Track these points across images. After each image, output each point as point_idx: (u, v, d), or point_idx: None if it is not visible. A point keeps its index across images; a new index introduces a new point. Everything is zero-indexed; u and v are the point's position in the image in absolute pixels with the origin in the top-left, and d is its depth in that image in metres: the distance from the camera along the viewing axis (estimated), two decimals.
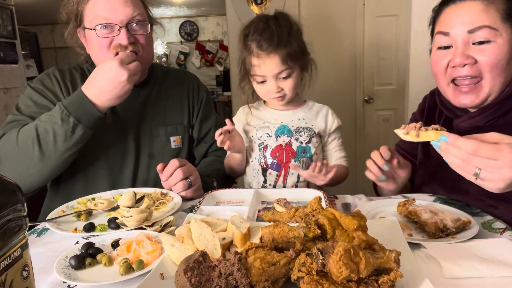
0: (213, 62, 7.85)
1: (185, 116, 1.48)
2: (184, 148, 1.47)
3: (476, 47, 0.99)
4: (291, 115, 1.35)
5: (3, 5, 3.44)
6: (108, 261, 0.78)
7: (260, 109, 1.40)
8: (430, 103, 1.28)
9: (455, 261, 0.71)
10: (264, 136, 1.34)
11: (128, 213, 0.96)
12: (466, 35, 0.99)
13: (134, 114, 1.39)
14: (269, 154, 1.33)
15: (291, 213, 0.91)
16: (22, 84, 3.66)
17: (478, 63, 0.99)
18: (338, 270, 0.57)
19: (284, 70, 1.23)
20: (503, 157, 0.68)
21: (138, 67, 1.19)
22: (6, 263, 0.47)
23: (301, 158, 1.32)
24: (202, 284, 0.60)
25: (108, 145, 1.34)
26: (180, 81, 1.51)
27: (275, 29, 1.22)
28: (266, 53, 1.21)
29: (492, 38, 0.97)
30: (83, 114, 1.16)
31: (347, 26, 3.28)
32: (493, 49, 0.97)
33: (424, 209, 0.91)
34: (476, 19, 0.98)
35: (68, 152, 1.18)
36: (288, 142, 1.32)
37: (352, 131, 3.43)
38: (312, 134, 1.33)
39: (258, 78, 1.27)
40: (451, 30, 1.02)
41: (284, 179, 1.33)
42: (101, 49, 1.26)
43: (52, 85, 1.33)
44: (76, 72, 1.40)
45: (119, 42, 1.24)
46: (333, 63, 3.31)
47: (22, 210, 0.50)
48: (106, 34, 1.25)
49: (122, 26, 1.24)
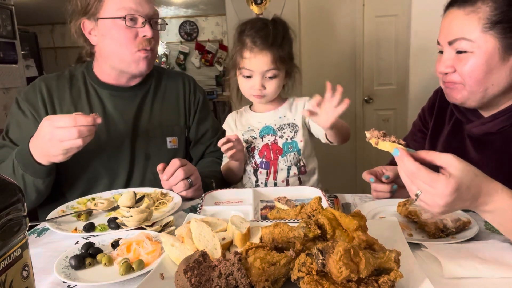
0: (212, 62, 7.85)
1: (181, 117, 1.48)
2: (180, 149, 1.46)
3: (457, 56, 1.01)
4: (272, 115, 1.39)
5: (3, 5, 3.44)
6: (108, 261, 0.78)
7: (244, 114, 1.45)
8: (441, 100, 1.26)
9: (456, 261, 0.71)
10: (250, 138, 1.38)
11: (128, 213, 0.96)
12: (448, 46, 1.02)
13: (130, 115, 1.38)
14: (257, 154, 1.37)
15: (297, 210, 0.92)
16: (22, 84, 3.66)
17: (457, 72, 1.01)
18: (338, 270, 0.57)
19: (271, 70, 1.28)
20: (437, 187, 0.68)
21: (89, 131, 1.07)
22: (6, 263, 0.47)
23: (288, 153, 1.36)
24: (202, 284, 0.60)
25: (102, 147, 1.33)
26: (177, 82, 1.51)
27: (272, 30, 1.28)
28: (259, 49, 1.26)
29: (469, 49, 0.98)
30: (29, 166, 1.14)
31: (346, 26, 3.28)
32: (470, 59, 0.98)
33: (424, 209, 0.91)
34: (454, 30, 1.00)
35: (39, 186, 1.18)
36: (273, 140, 1.37)
37: (352, 131, 3.40)
38: (296, 129, 1.36)
39: (245, 72, 1.30)
40: (440, 39, 1.06)
41: (274, 176, 1.37)
42: (126, 40, 1.27)
43: (35, 100, 1.32)
44: (64, 79, 1.38)
45: (145, 34, 1.27)
46: (333, 63, 3.31)
47: (22, 210, 0.50)
48: (133, 25, 1.27)
49: (147, 21, 1.27)
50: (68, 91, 1.36)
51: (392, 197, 1.10)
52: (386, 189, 1.10)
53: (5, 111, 3.40)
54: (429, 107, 1.31)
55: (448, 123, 1.20)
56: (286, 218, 0.93)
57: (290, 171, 1.36)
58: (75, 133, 1.03)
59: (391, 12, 3.20)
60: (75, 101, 1.35)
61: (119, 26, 1.26)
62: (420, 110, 1.35)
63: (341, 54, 3.32)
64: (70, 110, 1.33)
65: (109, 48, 1.31)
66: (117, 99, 1.38)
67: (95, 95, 1.37)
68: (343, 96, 1.07)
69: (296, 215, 0.91)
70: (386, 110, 3.43)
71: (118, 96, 1.38)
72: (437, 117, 1.26)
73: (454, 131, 1.17)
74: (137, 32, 1.27)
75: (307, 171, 1.38)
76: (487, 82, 0.99)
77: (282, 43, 1.29)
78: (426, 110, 1.32)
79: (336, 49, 3.29)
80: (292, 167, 1.36)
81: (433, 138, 1.24)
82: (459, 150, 1.10)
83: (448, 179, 0.68)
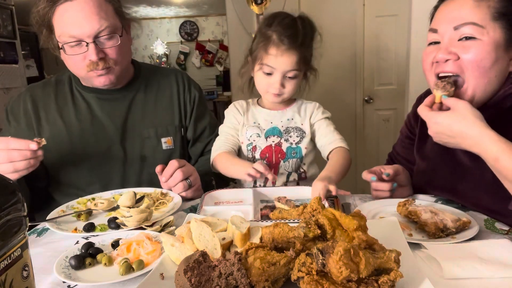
0: (213, 62, 7.85)
1: (176, 116, 1.44)
2: (176, 149, 1.43)
3: (460, 44, 0.96)
4: (280, 115, 1.34)
5: (3, 5, 3.44)
6: (108, 261, 0.78)
7: (251, 108, 1.38)
8: None
9: (455, 262, 0.71)
10: (254, 136, 1.33)
11: (128, 213, 0.96)
12: (452, 32, 0.97)
13: (120, 117, 1.36)
14: (259, 155, 1.32)
15: (299, 210, 0.91)
16: (22, 84, 3.66)
17: (461, 59, 0.96)
18: (338, 270, 0.57)
19: (293, 70, 1.23)
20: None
21: (23, 156, 1.03)
22: (6, 263, 0.47)
23: (291, 158, 1.32)
24: (202, 284, 0.60)
25: (92, 151, 1.32)
26: (169, 80, 1.47)
27: (302, 29, 1.22)
28: (286, 48, 1.19)
29: (477, 35, 0.94)
30: None
31: (347, 26, 3.28)
32: (477, 46, 0.94)
33: (424, 209, 0.91)
34: (463, 15, 0.95)
35: None
36: (277, 142, 1.32)
37: (352, 131, 3.43)
38: (303, 135, 1.33)
39: (267, 69, 1.24)
40: (439, 26, 1.01)
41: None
42: (75, 65, 1.24)
43: (18, 111, 1.33)
44: (50, 87, 1.37)
45: (90, 58, 1.21)
46: (333, 63, 3.30)
47: (22, 210, 0.50)
48: (76, 51, 1.21)
49: (90, 41, 1.19)
50: (53, 99, 1.35)
51: (392, 197, 1.10)
52: (387, 187, 1.09)
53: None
54: (414, 113, 1.27)
55: None
56: (289, 218, 0.93)
57: (290, 176, 1.33)
58: (6, 157, 1.01)
59: (391, 12, 3.20)
60: (60, 108, 1.34)
61: (62, 52, 1.23)
62: (406, 117, 1.34)
63: (341, 54, 3.31)
64: (56, 118, 1.33)
65: (67, 66, 1.30)
66: (105, 102, 1.36)
67: (82, 99, 1.36)
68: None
69: (299, 215, 0.91)
70: (386, 110, 3.43)
71: (105, 99, 1.36)
72: (423, 123, 1.22)
73: None
74: (84, 56, 1.21)
75: (307, 177, 1.35)
76: (491, 73, 0.96)
77: (309, 44, 1.25)
78: (411, 117, 1.30)
79: (336, 49, 3.29)
80: (292, 173, 1.33)
81: (421, 143, 1.22)
82: (447, 154, 1.09)
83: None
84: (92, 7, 1.19)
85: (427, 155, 1.19)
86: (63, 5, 1.18)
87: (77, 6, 1.18)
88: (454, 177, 1.08)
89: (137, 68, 1.44)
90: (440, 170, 1.13)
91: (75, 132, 1.33)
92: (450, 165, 1.09)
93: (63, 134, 1.32)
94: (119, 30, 1.27)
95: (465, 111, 0.89)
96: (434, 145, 1.16)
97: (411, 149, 1.28)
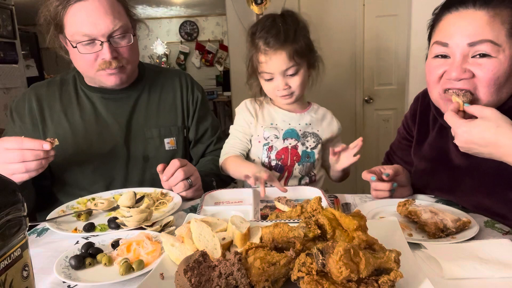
0: (213, 62, 7.86)
1: (179, 117, 1.45)
2: (178, 150, 1.44)
3: (475, 61, 0.92)
4: (298, 118, 1.34)
5: (3, 5, 3.44)
6: (108, 261, 0.78)
7: (267, 107, 1.37)
8: (423, 106, 1.23)
9: (456, 262, 0.71)
10: (271, 137, 1.32)
11: (128, 213, 0.96)
12: (466, 48, 0.92)
13: (124, 117, 1.37)
14: (274, 156, 1.32)
15: (298, 211, 0.91)
16: (22, 84, 3.66)
17: (475, 77, 0.92)
18: (338, 270, 0.57)
19: (291, 67, 1.22)
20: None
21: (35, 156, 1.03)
22: (6, 263, 0.47)
23: (305, 162, 1.32)
24: (202, 284, 0.60)
25: (96, 151, 1.32)
26: (173, 81, 1.48)
27: (282, 26, 1.21)
28: (273, 49, 1.20)
29: (493, 53, 0.90)
30: None
31: (347, 26, 3.28)
32: (493, 64, 0.90)
33: (424, 209, 0.91)
34: (479, 31, 0.90)
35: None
36: (294, 145, 1.32)
37: (352, 131, 3.43)
38: (319, 141, 1.34)
39: (266, 76, 1.25)
40: (450, 40, 0.95)
41: (285, 181, 1.33)
42: (86, 64, 1.24)
43: (23, 110, 1.33)
44: (55, 86, 1.37)
45: (103, 57, 1.22)
46: (333, 63, 3.30)
47: (22, 210, 0.50)
48: (89, 50, 1.21)
49: (104, 41, 1.20)
50: (58, 98, 1.35)
51: (392, 197, 1.10)
52: (387, 187, 1.09)
53: (5, 111, 3.40)
54: (411, 114, 1.27)
55: (432, 129, 1.18)
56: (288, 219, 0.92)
57: (302, 180, 1.34)
58: (18, 156, 1.01)
59: (391, 12, 3.20)
60: (65, 107, 1.34)
61: (75, 51, 1.23)
62: (403, 117, 1.33)
63: (341, 54, 3.31)
64: (60, 117, 1.33)
65: (79, 70, 1.31)
66: (109, 101, 1.36)
67: (86, 99, 1.36)
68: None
69: (298, 216, 0.91)
70: (386, 110, 3.43)
71: (110, 98, 1.36)
72: (420, 123, 1.22)
73: (439, 137, 1.14)
74: (97, 55, 1.22)
75: (316, 180, 1.36)
76: (505, 88, 0.93)
77: (296, 37, 1.22)
78: (408, 118, 1.28)
79: (336, 49, 3.29)
80: (304, 176, 1.34)
81: (419, 145, 1.22)
82: (445, 156, 1.09)
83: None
84: (105, 6, 1.20)
85: (424, 158, 1.18)
86: (77, 4, 1.19)
87: (91, 5, 1.19)
88: (452, 180, 1.08)
89: (141, 68, 1.45)
90: (438, 173, 1.12)
91: (80, 132, 1.33)
92: (447, 169, 1.09)
93: (68, 134, 1.32)
94: (131, 30, 1.28)
95: (496, 118, 0.84)
96: (431, 148, 1.16)
97: (408, 151, 1.27)
